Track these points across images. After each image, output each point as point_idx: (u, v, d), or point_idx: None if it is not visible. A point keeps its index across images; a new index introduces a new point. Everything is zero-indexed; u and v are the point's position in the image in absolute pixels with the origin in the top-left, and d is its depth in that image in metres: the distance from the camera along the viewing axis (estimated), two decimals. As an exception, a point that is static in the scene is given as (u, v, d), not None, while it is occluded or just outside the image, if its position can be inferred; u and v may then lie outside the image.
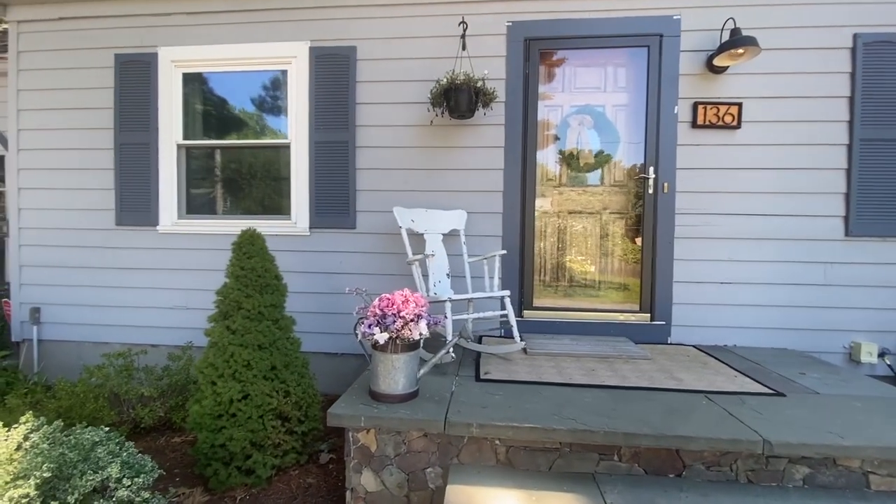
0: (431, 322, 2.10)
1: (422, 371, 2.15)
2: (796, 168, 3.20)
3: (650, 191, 3.33)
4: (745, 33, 2.98)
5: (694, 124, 3.24)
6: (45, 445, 1.81)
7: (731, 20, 3.07)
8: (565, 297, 3.52)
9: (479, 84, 3.03)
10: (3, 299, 4.04)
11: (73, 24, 3.71)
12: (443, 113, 3.18)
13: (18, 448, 1.81)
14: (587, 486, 1.80)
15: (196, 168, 3.80)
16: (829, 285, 3.20)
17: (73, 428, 1.99)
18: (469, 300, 2.92)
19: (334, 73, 3.47)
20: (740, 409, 2.05)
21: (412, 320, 1.99)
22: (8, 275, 3.96)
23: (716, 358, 2.91)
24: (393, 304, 2.01)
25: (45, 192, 3.79)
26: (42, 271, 3.81)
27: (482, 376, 2.47)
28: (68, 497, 1.66)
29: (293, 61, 3.53)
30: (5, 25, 3.95)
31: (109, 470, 1.78)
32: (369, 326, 2.00)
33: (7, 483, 1.60)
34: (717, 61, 3.10)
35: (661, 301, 3.32)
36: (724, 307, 3.28)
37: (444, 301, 2.58)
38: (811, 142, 3.19)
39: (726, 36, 3.08)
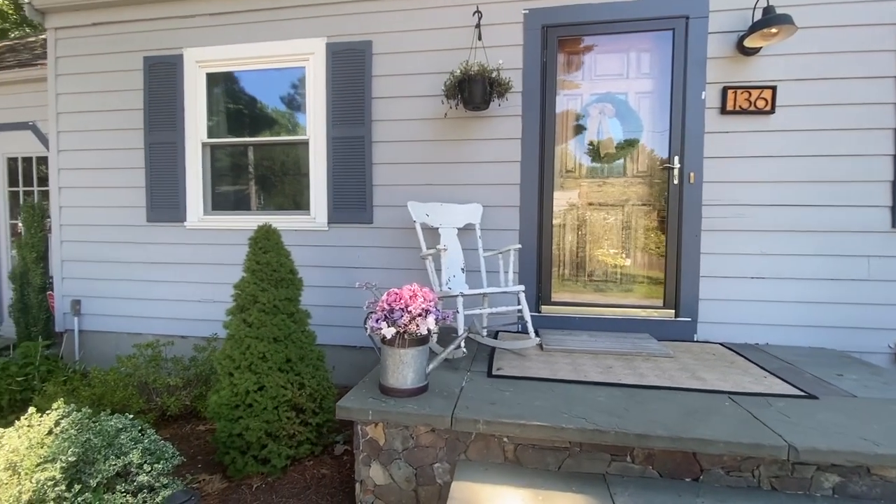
0: (440, 317, 2.08)
1: (431, 366, 2.14)
2: (837, 155, 2.98)
3: (675, 181, 3.18)
4: (778, 11, 2.78)
5: (723, 110, 3.07)
6: (73, 431, 1.91)
7: (763, -2, 2.88)
8: (585, 291, 3.43)
9: (494, 74, 2.97)
10: (48, 292, 4.31)
11: (105, 30, 3.88)
12: (457, 105, 3.14)
13: (49, 433, 1.92)
14: (597, 487, 1.75)
15: (220, 165, 3.92)
16: (873, 280, 2.98)
17: (100, 415, 2.09)
18: (484, 295, 2.89)
19: (351, 68, 3.48)
20: (766, 412, 1.94)
21: (419, 315, 1.98)
22: (51, 269, 4.22)
23: (744, 357, 2.76)
24: (400, 299, 2.00)
25: (82, 191, 4.00)
26: (81, 266, 4.03)
27: (494, 372, 2.44)
28: (91, 480, 1.75)
29: (311, 58, 3.56)
30: (44, 36, 4.17)
31: (131, 456, 1.86)
32: (377, 321, 2.00)
33: (36, 466, 1.70)
34: (748, 42, 2.91)
35: (686, 296, 3.18)
36: (756, 303, 3.11)
37: (456, 296, 2.55)
38: (854, 126, 2.96)
39: (758, 15, 2.89)
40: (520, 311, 2.74)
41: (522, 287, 2.72)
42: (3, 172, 5.03)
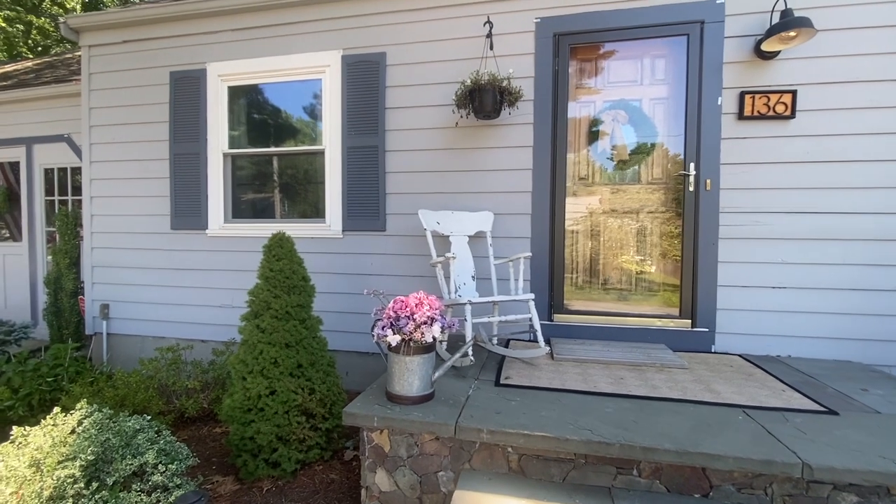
0: (446, 325, 2.09)
1: (437, 374, 2.15)
2: (861, 160, 2.87)
3: (691, 188, 3.12)
4: (797, 14, 2.72)
5: (740, 116, 3.00)
6: (93, 431, 2.00)
7: (781, 1, 2.81)
8: (599, 300, 3.39)
9: (505, 83, 2.99)
10: (80, 296, 4.51)
11: (135, 46, 4.07)
12: (468, 114, 3.17)
13: (72, 432, 2.01)
14: (602, 500, 1.72)
15: (240, 175, 4.04)
16: (904, 291, 2.85)
17: (120, 415, 2.18)
18: (494, 303, 2.89)
19: (365, 79, 3.56)
20: (781, 428, 1.88)
21: (425, 323, 2.00)
22: (83, 274, 4.42)
23: (763, 369, 2.67)
24: (406, 307, 2.02)
25: (112, 200, 4.19)
26: (110, 271, 4.22)
27: (502, 381, 2.43)
28: (108, 479, 1.82)
29: (327, 70, 3.66)
30: (79, 53, 4.40)
31: (147, 456, 1.94)
32: (383, 328, 2.03)
33: (58, 464, 1.79)
34: (765, 46, 2.85)
35: (703, 306, 3.10)
36: (777, 314, 3.01)
37: (465, 304, 2.56)
38: (879, 131, 2.85)
39: (776, 18, 2.82)
40: (530, 319, 2.73)
41: (532, 295, 2.71)
42: (41, 182, 5.32)
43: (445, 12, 3.41)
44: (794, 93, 2.92)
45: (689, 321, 3.15)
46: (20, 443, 1.94)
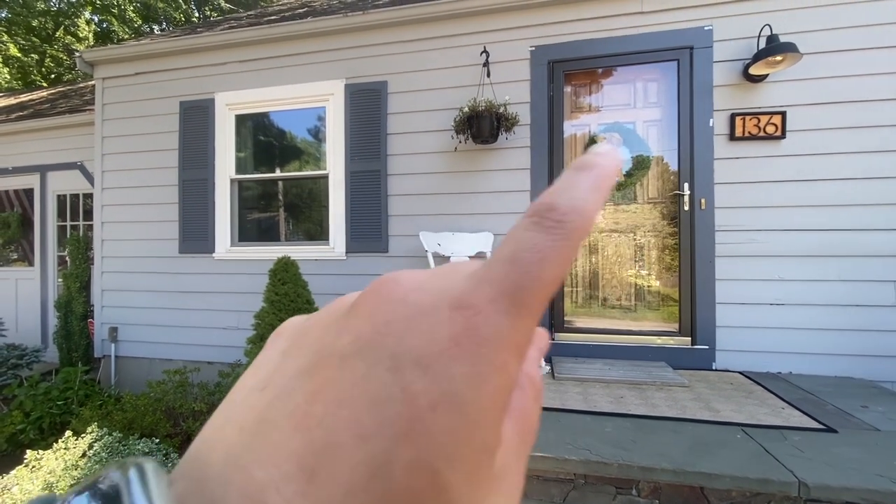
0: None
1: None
2: (855, 178, 2.93)
3: (686, 207, 3.19)
4: (785, 39, 2.82)
5: (732, 137, 3.08)
6: (104, 454, 2.05)
7: (767, 26, 2.92)
8: (599, 318, 3.42)
9: (501, 110, 3.10)
10: (89, 320, 4.60)
11: (146, 78, 4.25)
12: (466, 139, 3.27)
13: (83, 455, 2.07)
14: (601, 520, 1.74)
15: (246, 199, 4.16)
16: (901, 306, 2.87)
17: (129, 439, 2.23)
18: (494, 323, 2.93)
19: (367, 106, 3.69)
20: (779, 446, 1.90)
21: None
22: (93, 298, 4.51)
23: (763, 386, 2.69)
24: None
25: (122, 225, 4.30)
26: (119, 295, 4.31)
27: (503, 401, 2.46)
28: (118, 502, 1.86)
29: (330, 98, 3.79)
30: (93, 82, 4.59)
31: (155, 479, 1.97)
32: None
33: (70, 487, 1.84)
34: (753, 70, 2.95)
35: (702, 323, 3.13)
36: (777, 330, 3.03)
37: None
38: (872, 149, 2.91)
39: (763, 43, 2.93)
40: (530, 339, 2.77)
41: (532, 315, 2.76)
42: (54, 208, 5.47)
43: (443, 42, 3.55)
44: (783, 114, 3.01)
45: (689, 338, 3.17)
46: (34, 466, 1.99)
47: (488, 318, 0.15)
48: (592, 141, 3.43)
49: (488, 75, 3.33)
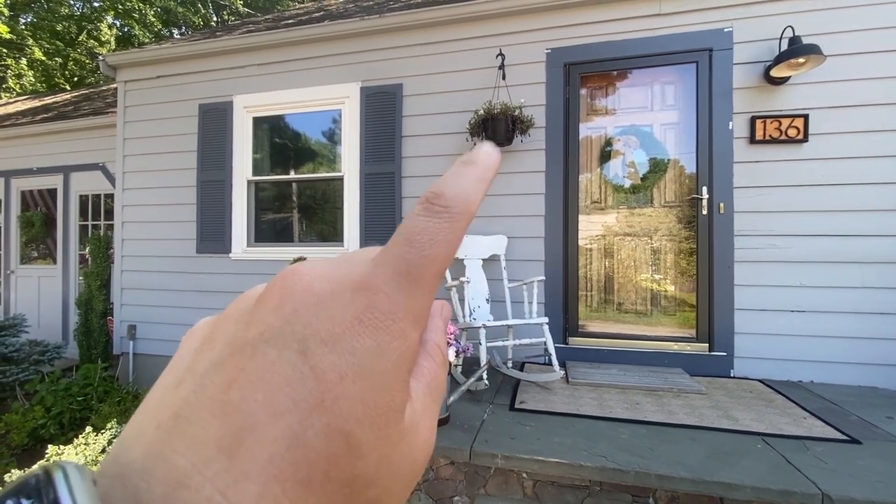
0: (461, 349, 2.14)
1: (452, 398, 2.19)
2: (879, 182, 2.85)
3: (704, 211, 3.14)
4: (807, 41, 2.76)
5: (752, 140, 3.03)
6: (123, 450, 2.09)
7: (789, 28, 2.86)
8: (614, 323, 3.39)
9: (517, 112, 3.09)
10: (109, 317, 4.69)
11: (167, 81, 4.33)
12: (481, 142, 3.26)
13: (103, 451, 2.10)
14: (617, 528, 1.72)
15: (262, 200, 4.21)
16: (930, 315, 2.78)
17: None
18: (508, 326, 2.92)
19: (383, 109, 3.71)
20: (801, 457, 1.85)
21: (440, 348, 2.04)
22: (112, 296, 4.61)
23: (784, 395, 2.63)
24: (422, 332, 2.08)
25: (142, 225, 4.39)
26: (138, 293, 4.39)
27: (517, 405, 2.45)
28: (137, 498, 1.89)
29: (346, 101, 3.82)
30: (115, 85, 4.69)
31: (172, 476, 2.00)
32: (399, 353, 2.08)
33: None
34: (775, 72, 2.89)
35: (720, 330, 3.08)
36: (797, 338, 2.96)
37: (479, 327, 2.60)
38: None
39: (785, 45, 2.88)
40: (545, 343, 2.75)
41: (546, 319, 2.74)
42: (76, 208, 5.60)
43: (459, 45, 3.55)
44: (806, 117, 2.95)
45: (707, 345, 3.12)
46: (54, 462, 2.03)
47: (387, 296, 0.17)
48: (608, 143, 3.40)
49: (504, 78, 3.33)
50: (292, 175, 4.12)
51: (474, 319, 2.91)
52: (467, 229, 0.18)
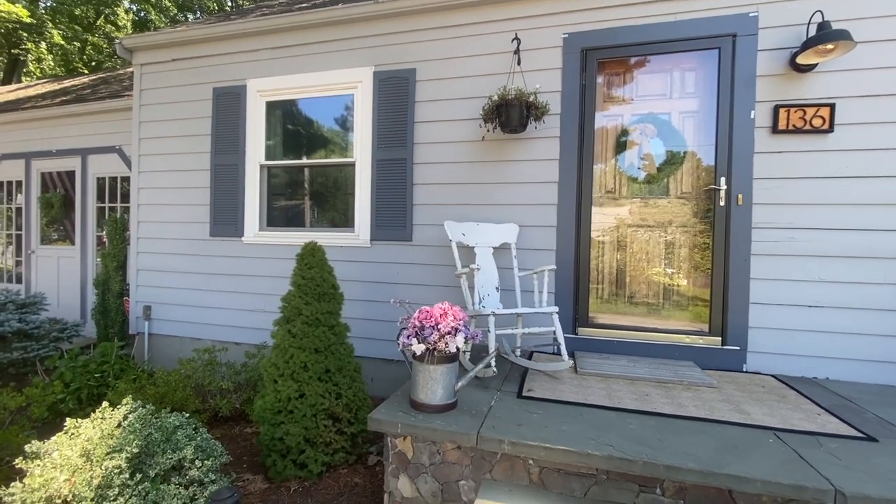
0: (469, 336, 2.13)
1: (460, 383, 2.19)
2: (908, 176, 2.76)
3: (721, 203, 3.07)
4: (835, 26, 2.66)
5: (774, 129, 2.94)
6: (138, 425, 2.14)
7: (818, 13, 2.75)
8: (625, 315, 3.35)
9: (531, 98, 3.03)
10: (125, 298, 4.79)
11: (182, 65, 4.35)
12: (495, 128, 3.22)
13: (118, 426, 2.15)
14: (623, 517, 1.71)
15: (274, 185, 4.23)
16: (953, 313, 2.70)
17: (161, 412, 2.32)
18: (517, 315, 2.91)
19: (395, 94, 3.68)
20: (814, 453, 1.82)
21: (449, 333, 2.04)
22: (128, 277, 4.69)
23: (797, 391, 2.59)
24: (431, 317, 2.08)
25: (157, 208, 4.45)
26: (153, 275, 4.47)
27: (524, 393, 2.45)
28: (150, 471, 1.94)
29: (359, 86, 3.80)
30: (132, 69, 4.72)
31: (185, 451, 2.05)
32: (408, 337, 2.09)
33: (106, 455, 1.92)
34: (801, 59, 2.79)
35: (734, 324, 3.02)
36: (813, 334, 2.90)
37: (488, 315, 2.59)
38: (930, 145, 2.73)
39: (813, 31, 2.77)
40: (554, 332, 2.74)
41: (556, 308, 2.72)
42: (94, 190, 5.69)
43: (474, 29, 3.49)
44: (832, 106, 2.85)
45: (720, 339, 3.07)
46: (72, 433, 2.09)
47: None
48: (624, 132, 3.33)
49: (519, 63, 3.27)
50: (304, 160, 4.12)
51: (483, 307, 2.90)
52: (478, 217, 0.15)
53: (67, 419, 2.15)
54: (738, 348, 3.01)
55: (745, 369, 2.99)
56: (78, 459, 1.93)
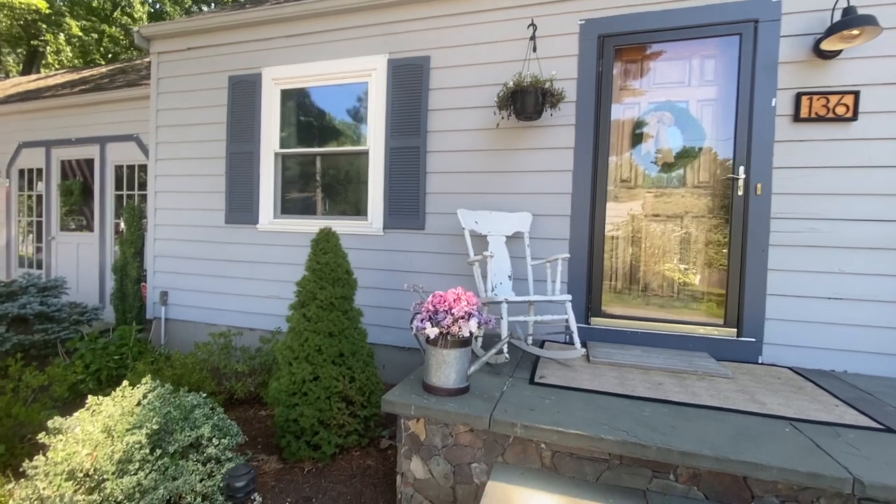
0: (483, 321, 2.14)
1: (472, 368, 2.20)
2: (934, 165, 2.68)
3: (739, 192, 3.02)
4: (861, 12, 2.58)
5: (796, 118, 2.88)
6: (157, 403, 2.19)
7: (845, -3, 2.68)
8: (638, 305, 3.32)
9: (547, 85, 3.00)
10: (142, 283, 4.88)
11: (198, 53, 4.38)
12: (509, 116, 3.20)
13: (138, 404, 2.21)
14: (637, 502, 1.71)
15: (289, 173, 4.26)
16: (979, 307, 2.63)
17: (179, 391, 2.37)
18: (530, 303, 2.90)
19: (409, 82, 3.67)
20: (832, 442, 1.80)
21: (462, 317, 2.05)
22: (146, 263, 4.78)
23: (814, 383, 2.55)
24: (444, 302, 2.09)
25: (173, 195, 4.51)
26: (170, 261, 4.54)
27: (536, 380, 2.45)
28: (169, 448, 1.99)
29: (373, 73, 3.80)
30: (149, 58, 4.78)
31: (203, 429, 2.09)
32: (422, 321, 2.10)
33: (127, 430, 1.97)
34: (825, 45, 2.72)
35: (750, 315, 2.98)
36: (832, 326, 2.85)
37: (501, 302, 2.60)
38: (957, 134, 2.65)
39: (837, 16, 2.69)
40: (566, 320, 2.73)
41: (569, 296, 2.71)
42: (112, 178, 5.79)
43: (489, 16, 3.46)
44: (856, 94, 2.77)
45: (735, 330, 3.04)
46: (94, 410, 2.15)
47: None
48: (641, 120, 3.29)
49: (534, 50, 3.24)
50: (318, 148, 4.14)
51: (496, 295, 2.90)
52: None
53: (88, 398, 2.21)
54: (753, 340, 2.97)
55: (760, 361, 2.95)
56: (99, 435, 1.99)
